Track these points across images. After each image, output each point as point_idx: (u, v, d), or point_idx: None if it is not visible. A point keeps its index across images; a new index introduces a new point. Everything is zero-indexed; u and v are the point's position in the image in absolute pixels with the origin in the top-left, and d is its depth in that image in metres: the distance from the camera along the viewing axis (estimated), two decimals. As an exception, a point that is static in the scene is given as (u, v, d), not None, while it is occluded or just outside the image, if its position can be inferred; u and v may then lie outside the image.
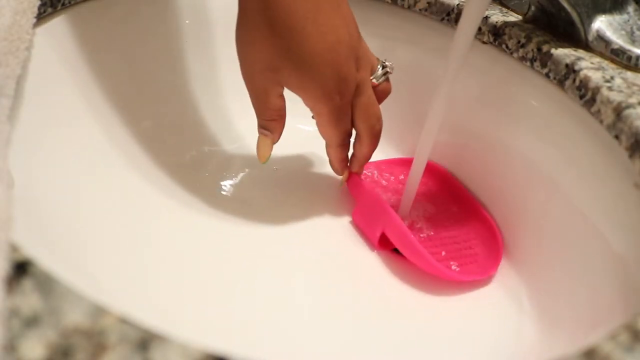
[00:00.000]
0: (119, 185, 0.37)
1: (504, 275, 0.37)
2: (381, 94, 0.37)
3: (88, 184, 0.35)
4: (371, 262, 0.37)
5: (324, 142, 0.37)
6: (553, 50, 0.36)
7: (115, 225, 0.34)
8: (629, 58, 0.36)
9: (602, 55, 0.37)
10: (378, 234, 0.38)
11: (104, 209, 0.35)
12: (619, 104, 0.31)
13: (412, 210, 0.40)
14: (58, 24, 0.36)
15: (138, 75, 0.41)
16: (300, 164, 0.44)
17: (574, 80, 0.34)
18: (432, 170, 0.43)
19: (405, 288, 0.36)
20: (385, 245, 0.38)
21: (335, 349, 0.32)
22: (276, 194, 0.41)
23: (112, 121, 0.38)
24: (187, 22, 0.44)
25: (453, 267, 0.37)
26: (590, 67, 0.35)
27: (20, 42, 0.29)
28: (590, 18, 0.37)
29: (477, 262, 0.37)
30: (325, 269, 0.37)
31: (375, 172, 0.43)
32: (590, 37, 0.37)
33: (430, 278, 0.36)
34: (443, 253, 0.38)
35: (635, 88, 0.33)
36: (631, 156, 0.30)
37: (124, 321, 0.18)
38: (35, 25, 0.32)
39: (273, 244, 0.37)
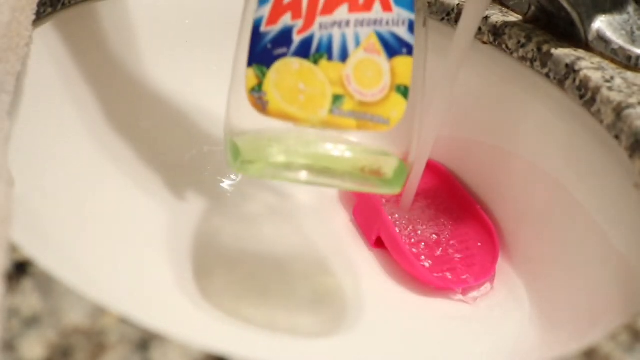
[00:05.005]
0: (119, 185, 0.36)
1: (504, 275, 0.37)
2: None
3: (88, 183, 0.35)
4: (370, 261, 0.37)
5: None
6: (553, 50, 0.36)
7: (115, 224, 0.34)
8: (629, 58, 0.36)
9: (602, 55, 0.37)
10: (374, 237, 0.38)
11: (104, 208, 0.34)
12: (619, 104, 0.31)
13: (411, 210, 0.40)
14: (58, 24, 0.36)
15: (138, 74, 0.41)
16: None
17: (574, 80, 0.34)
18: (432, 168, 0.43)
19: (403, 287, 0.36)
20: (382, 244, 0.38)
21: (334, 348, 0.32)
22: (276, 193, 0.41)
23: (112, 121, 0.38)
24: (186, 22, 0.44)
25: (447, 274, 0.37)
26: (591, 67, 0.35)
27: (20, 39, 0.29)
28: (591, 18, 0.37)
29: (474, 265, 0.37)
30: (326, 268, 0.37)
31: None
32: (591, 37, 0.37)
33: (430, 278, 0.36)
34: (440, 256, 0.38)
35: (635, 88, 0.33)
36: (631, 156, 0.30)
37: (123, 321, 0.18)
38: (36, 24, 0.32)
39: (273, 243, 0.37)
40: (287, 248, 0.37)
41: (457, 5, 0.41)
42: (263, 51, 0.26)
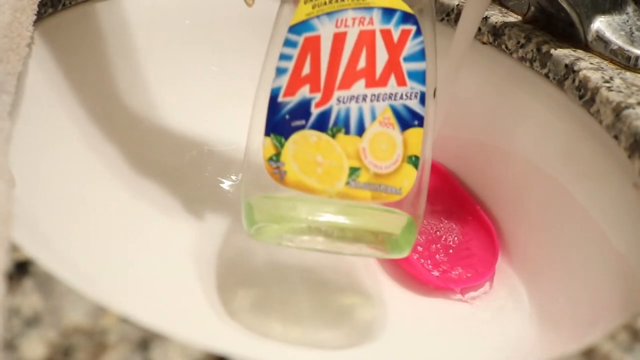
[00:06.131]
0: (119, 184, 0.36)
1: (504, 275, 0.37)
2: None
3: (88, 182, 0.35)
4: (370, 261, 0.37)
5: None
6: (552, 51, 0.36)
7: (115, 224, 0.34)
8: (628, 58, 0.36)
9: (601, 55, 0.37)
10: None
11: (104, 208, 0.35)
12: (618, 104, 0.31)
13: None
14: (59, 24, 0.36)
15: (138, 75, 0.41)
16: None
17: (574, 80, 0.35)
18: (431, 169, 0.43)
19: (403, 287, 0.36)
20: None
21: (335, 348, 0.32)
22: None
23: (112, 121, 0.38)
24: (187, 22, 0.44)
25: (446, 274, 0.37)
26: (590, 67, 0.35)
27: (21, 39, 0.29)
28: (590, 18, 0.37)
29: (473, 265, 0.38)
30: (327, 267, 0.37)
31: None
32: (590, 38, 0.37)
33: (429, 278, 0.36)
34: (439, 256, 0.38)
35: (634, 88, 0.33)
36: (630, 156, 0.30)
37: (124, 321, 0.18)
38: (37, 24, 0.32)
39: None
40: (287, 247, 0.37)
41: (457, 5, 0.41)
42: (281, 122, 0.27)
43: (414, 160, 0.28)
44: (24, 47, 0.29)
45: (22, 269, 0.19)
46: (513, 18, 0.41)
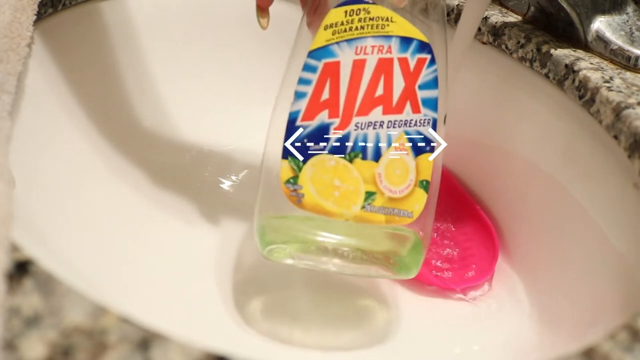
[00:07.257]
0: (119, 184, 0.37)
1: (504, 275, 0.37)
2: None
3: (88, 182, 0.35)
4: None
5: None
6: (552, 51, 0.36)
7: (116, 224, 0.34)
8: (628, 58, 0.36)
9: (601, 55, 0.37)
10: None
11: (104, 208, 0.35)
12: (618, 104, 0.31)
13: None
14: (59, 24, 0.36)
15: (139, 75, 0.41)
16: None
17: (574, 80, 0.35)
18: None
19: (403, 287, 0.36)
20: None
21: (335, 348, 0.32)
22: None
23: (113, 121, 0.38)
24: (188, 21, 0.44)
25: (446, 274, 0.37)
26: (590, 67, 0.35)
27: (21, 39, 0.29)
28: (590, 18, 0.37)
29: (473, 265, 0.38)
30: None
31: None
32: (590, 38, 0.37)
33: (429, 278, 0.36)
34: (439, 256, 0.38)
35: (634, 88, 0.33)
36: (630, 156, 0.30)
37: (124, 321, 0.18)
38: (37, 24, 0.32)
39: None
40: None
41: (457, 5, 0.41)
42: (299, 145, 0.27)
43: (425, 185, 0.29)
44: (24, 47, 0.29)
45: (22, 269, 0.19)
46: (513, 18, 0.41)
